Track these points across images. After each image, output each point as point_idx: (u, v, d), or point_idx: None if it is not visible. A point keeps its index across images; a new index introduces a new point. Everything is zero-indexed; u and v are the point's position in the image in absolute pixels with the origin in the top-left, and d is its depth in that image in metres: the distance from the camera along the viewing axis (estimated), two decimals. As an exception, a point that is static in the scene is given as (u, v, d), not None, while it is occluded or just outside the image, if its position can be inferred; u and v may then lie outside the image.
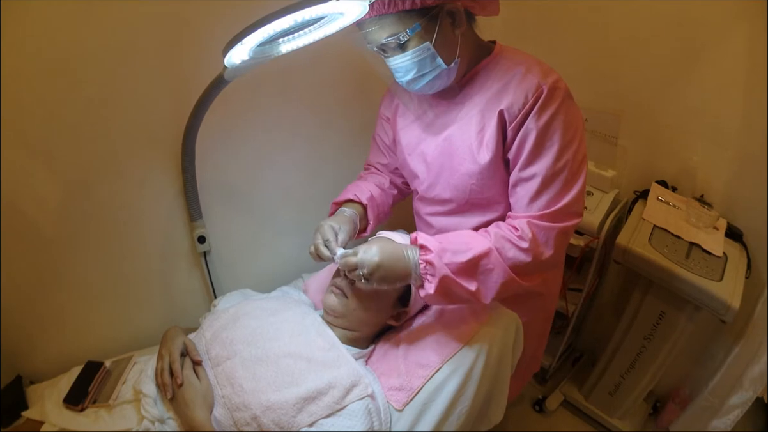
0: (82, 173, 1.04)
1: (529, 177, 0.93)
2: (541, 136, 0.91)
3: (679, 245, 1.41)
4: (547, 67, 0.96)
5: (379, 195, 1.20)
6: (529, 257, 0.92)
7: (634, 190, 1.65)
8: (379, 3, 0.85)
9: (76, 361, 1.07)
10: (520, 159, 0.94)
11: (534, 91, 0.91)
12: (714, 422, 1.56)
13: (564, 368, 2.00)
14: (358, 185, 1.19)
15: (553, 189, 0.92)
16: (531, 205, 0.94)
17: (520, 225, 0.93)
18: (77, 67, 0.95)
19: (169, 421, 0.87)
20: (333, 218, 1.07)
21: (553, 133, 0.91)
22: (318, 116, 1.38)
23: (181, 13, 1.01)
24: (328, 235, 0.98)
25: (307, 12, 0.74)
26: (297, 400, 0.84)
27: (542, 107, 0.90)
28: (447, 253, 0.90)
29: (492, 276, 0.92)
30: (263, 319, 0.99)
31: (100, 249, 1.14)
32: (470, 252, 0.90)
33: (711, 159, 1.49)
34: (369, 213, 1.15)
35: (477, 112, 0.98)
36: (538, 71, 0.93)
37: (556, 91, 0.91)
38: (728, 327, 1.54)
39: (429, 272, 0.90)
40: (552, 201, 0.93)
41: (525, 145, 0.92)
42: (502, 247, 0.92)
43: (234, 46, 0.78)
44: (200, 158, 1.14)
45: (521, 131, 0.92)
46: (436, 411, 0.93)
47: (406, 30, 0.88)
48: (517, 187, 0.96)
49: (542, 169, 0.92)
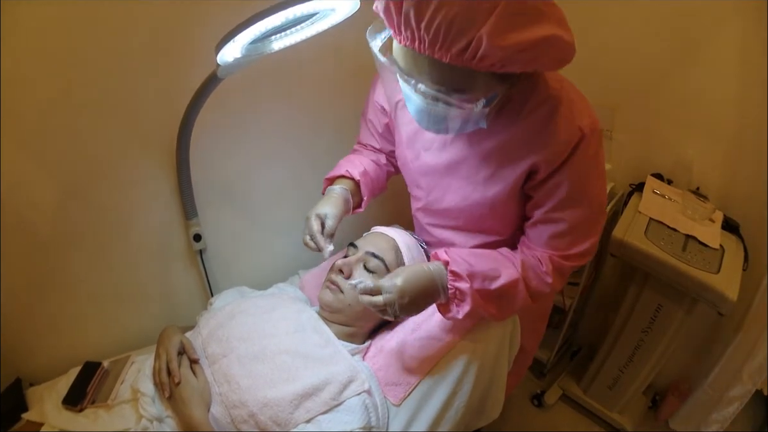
0: (77, 173, 1.04)
1: (555, 220, 0.90)
2: (574, 188, 0.86)
3: (676, 238, 1.41)
4: (582, 98, 0.87)
5: (373, 170, 1.15)
6: (548, 289, 0.93)
7: (630, 183, 1.65)
8: (448, 48, 0.67)
9: (75, 362, 1.07)
10: (547, 204, 0.90)
11: (572, 138, 0.82)
12: (713, 415, 1.57)
13: (562, 362, 2.01)
14: (351, 160, 1.15)
15: (577, 233, 0.91)
16: (551, 243, 0.92)
17: (543, 259, 0.92)
18: (71, 68, 0.94)
19: (168, 420, 0.87)
20: (321, 204, 1.02)
21: (586, 183, 0.88)
22: (312, 113, 1.37)
23: (174, 11, 1.01)
24: (314, 228, 0.97)
25: (299, 9, 0.74)
26: (294, 396, 0.84)
27: (580, 156, 0.84)
28: (477, 279, 0.88)
29: (514, 302, 0.92)
30: (259, 316, 0.99)
31: (96, 249, 1.14)
32: (500, 280, 0.89)
33: (706, 151, 1.49)
34: (362, 189, 1.11)
35: (498, 144, 0.90)
36: (580, 108, 0.84)
37: (593, 134, 0.84)
38: (726, 319, 1.55)
39: (458, 298, 0.89)
40: (573, 244, 0.92)
41: (555, 195, 0.88)
42: (527, 277, 0.91)
43: (226, 44, 0.78)
44: (195, 156, 1.14)
45: (552, 180, 0.87)
46: (433, 406, 0.94)
47: (481, 99, 0.75)
48: (539, 224, 0.93)
49: (570, 216, 0.89)
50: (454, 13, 0.64)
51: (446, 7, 0.63)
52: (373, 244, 1.05)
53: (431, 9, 0.64)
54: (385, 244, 1.05)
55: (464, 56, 0.67)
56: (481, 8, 0.64)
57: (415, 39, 0.69)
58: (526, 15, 0.66)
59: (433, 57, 0.69)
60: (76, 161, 1.03)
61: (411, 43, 0.70)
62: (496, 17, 0.63)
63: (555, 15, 0.69)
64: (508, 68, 0.70)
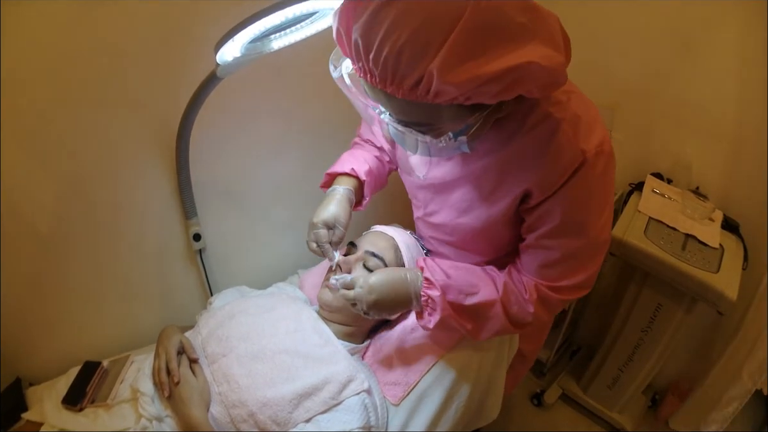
0: (77, 172, 1.04)
1: (547, 247, 0.82)
2: (569, 216, 0.78)
3: (675, 237, 1.41)
4: (590, 114, 0.76)
5: (377, 167, 1.11)
6: (531, 318, 0.86)
7: (629, 183, 1.65)
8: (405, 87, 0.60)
9: (75, 361, 1.07)
10: (539, 230, 0.82)
11: (572, 162, 0.74)
12: (713, 414, 1.57)
13: (562, 362, 2.01)
14: (355, 156, 1.09)
15: (570, 264, 0.83)
16: (541, 271, 0.85)
17: (528, 287, 0.85)
18: (71, 68, 0.94)
19: (167, 420, 0.87)
20: (327, 208, 0.97)
21: (584, 212, 0.78)
22: (311, 112, 1.37)
23: (174, 10, 1.01)
24: (323, 237, 0.94)
25: (298, 8, 0.74)
26: (293, 396, 0.84)
27: (578, 182, 0.75)
28: (452, 291, 0.85)
29: (490, 323, 0.87)
30: (259, 315, 0.99)
31: (96, 249, 1.14)
32: (476, 297, 0.85)
33: (706, 150, 1.49)
34: (366, 189, 1.07)
35: (494, 163, 0.82)
36: (586, 126, 0.75)
37: (599, 158, 0.74)
38: (726, 319, 1.55)
39: (430, 306, 0.87)
40: (565, 275, 0.83)
41: (547, 222, 0.80)
42: (508, 301, 0.86)
43: (225, 43, 0.78)
44: (194, 156, 1.14)
45: (544, 206, 0.79)
46: (432, 406, 0.94)
47: (449, 133, 0.68)
48: (530, 249, 0.85)
49: (563, 245, 0.81)
50: (401, 43, 0.56)
51: (394, 36, 0.56)
52: (373, 243, 1.04)
53: (378, 39, 0.57)
54: (385, 243, 1.05)
55: (417, 92, 0.59)
56: (431, 37, 0.55)
57: (367, 72, 0.62)
58: (488, 42, 0.56)
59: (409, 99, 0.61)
60: (75, 161, 1.03)
61: (364, 75, 0.63)
62: (448, 49, 0.55)
63: (537, 32, 0.59)
64: (475, 101, 0.61)
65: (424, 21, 0.55)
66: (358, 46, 0.60)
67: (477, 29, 0.55)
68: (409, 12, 0.55)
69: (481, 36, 0.55)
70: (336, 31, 0.64)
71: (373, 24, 0.57)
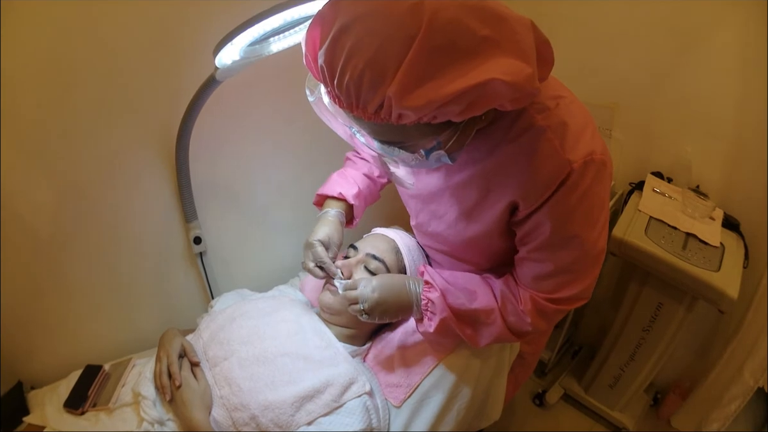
0: (77, 176, 1.04)
1: (540, 260, 0.80)
2: (559, 229, 0.75)
3: (676, 236, 1.41)
4: (580, 120, 0.73)
5: (366, 186, 1.11)
6: (530, 328, 0.85)
7: (630, 182, 1.64)
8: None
9: (76, 365, 1.07)
10: (530, 244, 0.80)
11: (558, 173, 0.70)
12: (715, 413, 1.57)
13: (563, 361, 2.01)
14: (345, 176, 1.10)
15: (565, 277, 0.80)
16: (536, 284, 0.83)
17: (523, 298, 0.84)
18: (70, 69, 0.94)
19: (169, 423, 0.88)
20: (321, 230, 0.99)
21: (575, 224, 0.75)
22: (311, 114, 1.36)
23: (174, 13, 1.01)
24: (323, 256, 0.95)
25: (296, 11, 0.74)
26: (295, 399, 0.84)
27: (565, 194, 0.72)
28: (451, 295, 0.86)
29: (489, 330, 0.87)
30: (260, 318, 0.99)
31: (97, 252, 1.14)
32: (474, 303, 0.86)
33: (706, 149, 1.49)
34: (355, 210, 1.09)
35: (479, 173, 0.80)
36: (574, 135, 0.71)
37: (588, 167, 0.71)
38: (727, 317, 1.55)
39: (430, 310, 0.88)
40: (560, 287, 0.81)
41: (537, 235, 0.78)
42: (505, 309, 0.85)
43: (224, 46, 0.78)
44: (194, 159, 1.14)
45: (532, 220, 0.76)
46: (434, 407, 0.94)
47: (420, 150, 0.68)
48: (524, 261, 0.84)
49: (556, 258, 0.78)
50: (360, 69, 0.55)
51: (353, 62, 0.55)
52: (374, 246, 1.04)
53: (340, 65, 0.57)
54: (386, 245, 1.05)
55: (381, 115, 0.59)
56: (388, 62, 0.54)
57: (335, 97, 0.62)
58: (446, 60, 0.54)
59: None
60: (75, 163, 1.03)
61: (333, 99, 0.64)
62: (403, 72, 0.54)
63: (502, 43, 0.56)
64: (442, 119, 0.60)
65: (380, 45, 0.54)
66: (324, 72, 0.60)
67: (433, 49, 0.54)
68: (366, 36, 0.55)
69: (438, 55, 0.54)
70: (305, 57, 0.65)
71: (335, 49, 0.57)
